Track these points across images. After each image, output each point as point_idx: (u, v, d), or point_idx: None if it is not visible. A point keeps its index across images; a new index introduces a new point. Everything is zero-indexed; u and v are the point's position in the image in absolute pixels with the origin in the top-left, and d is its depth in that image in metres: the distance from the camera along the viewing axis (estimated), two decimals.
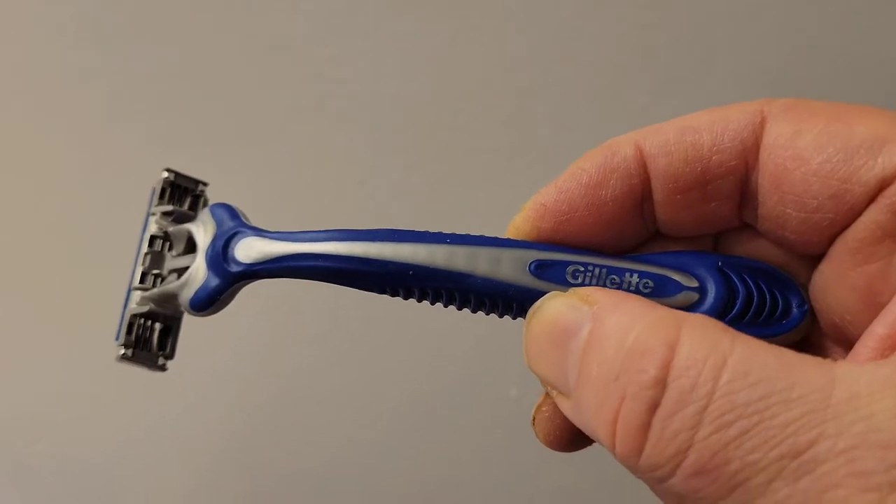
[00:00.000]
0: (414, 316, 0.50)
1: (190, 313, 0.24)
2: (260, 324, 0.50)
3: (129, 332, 0.24)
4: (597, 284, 0.21)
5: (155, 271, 0.25)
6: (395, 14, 0.50)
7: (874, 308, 0.19)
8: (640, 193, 0.21)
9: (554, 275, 0.22)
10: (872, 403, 0.15)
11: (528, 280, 0.22)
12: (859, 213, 0.19)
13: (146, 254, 0.25)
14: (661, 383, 0.16)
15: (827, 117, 0.19)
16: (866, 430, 0.15)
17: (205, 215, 0.24)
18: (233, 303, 0.24)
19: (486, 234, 0.22)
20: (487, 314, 0.22)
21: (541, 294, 0.21)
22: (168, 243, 0.25)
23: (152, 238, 0.25)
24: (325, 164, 0.51)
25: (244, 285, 0.24)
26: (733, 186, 0.21)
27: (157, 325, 0.25)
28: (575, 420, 0.19)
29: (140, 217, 0.26)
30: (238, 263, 0.23)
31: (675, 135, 0.21)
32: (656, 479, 0.17)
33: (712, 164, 0.21)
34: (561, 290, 0.21)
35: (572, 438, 0.22)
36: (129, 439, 0.51)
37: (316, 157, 0.51)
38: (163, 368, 0.25)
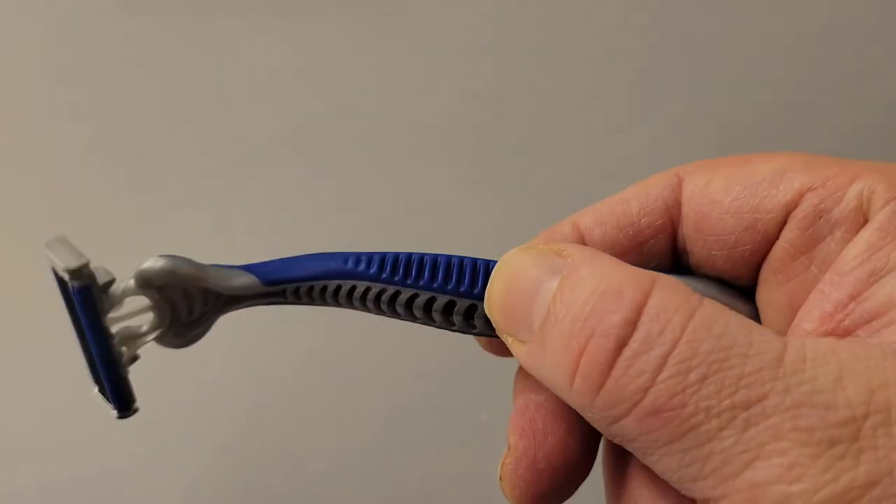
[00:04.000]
0: (387, 342, 0.51)
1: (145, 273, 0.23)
2: (238, 352, 0.51)
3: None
4: None
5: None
6: (364, 51, 0.51)
7: None
8: None
9: None
10: (817, 367, 0.16)
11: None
12: (775, 238, 0.21)
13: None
14: (632, 324, 0.17)
15: (733, 164, 0.22)
16: (812, 391, 0.16)
17: None
18: (210, 334, 0.25)
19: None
20: (437, 298, 0.23)
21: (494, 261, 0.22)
22: None
23: None
24: (295, 195, 0.52)
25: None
26: (665, 244, 0.23)
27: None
28: (529, 365, 0.20)
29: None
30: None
31: (606, 208, 0.24)
32: (610, 419, 0.17)
33: (643, 226, 0.23)
34: None
35: (537, 492, 0.23)
36: (113, 461, 0.50)
37: (287, 188, 0.52)
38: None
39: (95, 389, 0.24)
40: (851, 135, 0.54)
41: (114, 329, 0.24)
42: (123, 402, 0.24)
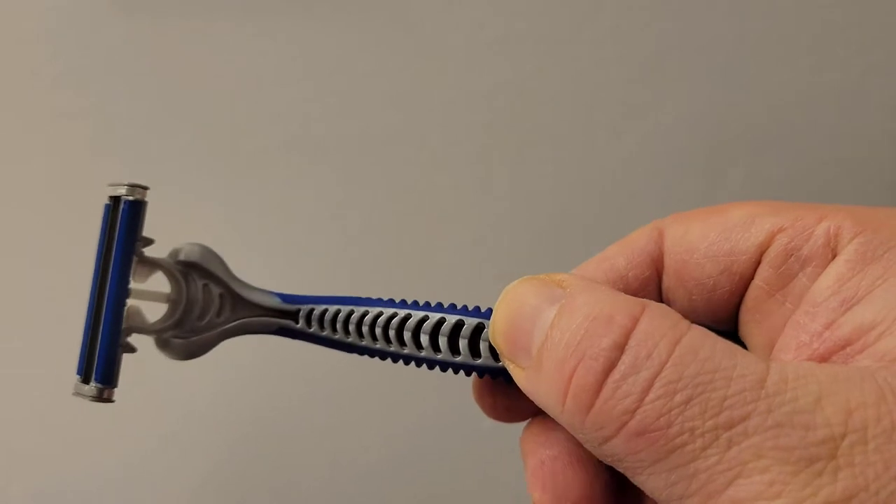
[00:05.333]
0: None
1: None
2: (242, 363, 0.51)
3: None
4: None
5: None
6: (365, 50, 0.52)
7: None
8: None
9: None
10: (798, 388, 0.17)
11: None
12: (750, 279, 0.22)
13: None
14: (620, 348, 0.18)
15: (708, 213, 0.23)
16: (792, 411, 0.17)
17: None
18: (215, 349, 0.26)
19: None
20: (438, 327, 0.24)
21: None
22: None
23: None
24: (296, 199, 0.52)
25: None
26: (653, 297, 0.24)
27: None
28: (528, 388, 0.20)
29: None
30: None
31: (593, 265, 0.25)
32: (599, 439, 0.18)
33: (630, 280, 0.24)
34: None
35: None
36: (107, 475, 0.50)
37: (287, 192, 0.52)
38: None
39: (78, 378, 0.25)
40: (852, 134, 0.54)
41: (129, 302, 0.25)
42: (107, 374, 0.24)
